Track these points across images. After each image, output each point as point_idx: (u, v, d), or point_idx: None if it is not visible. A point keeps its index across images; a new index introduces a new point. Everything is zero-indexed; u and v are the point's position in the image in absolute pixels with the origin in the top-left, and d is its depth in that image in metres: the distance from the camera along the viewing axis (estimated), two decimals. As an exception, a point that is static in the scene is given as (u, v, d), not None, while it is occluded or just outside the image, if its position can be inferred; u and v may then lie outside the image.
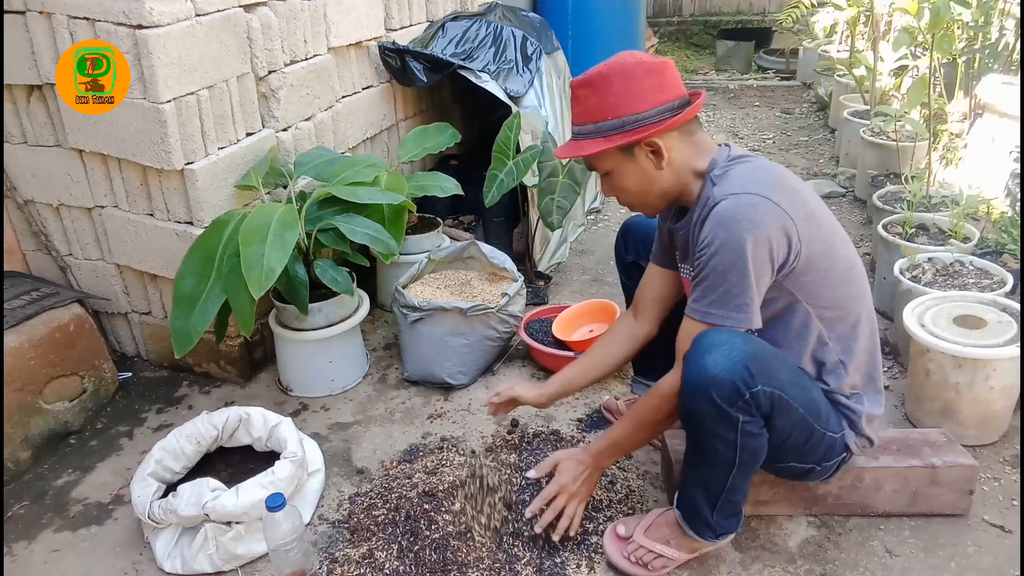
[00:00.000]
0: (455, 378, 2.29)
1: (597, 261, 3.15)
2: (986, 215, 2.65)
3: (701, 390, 1.37)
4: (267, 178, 2.20)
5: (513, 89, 2.75)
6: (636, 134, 1.42)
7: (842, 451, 1.57)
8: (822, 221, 1.46)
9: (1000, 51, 3.11)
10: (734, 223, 1.35)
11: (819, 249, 1.43)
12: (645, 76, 1.42)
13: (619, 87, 1.42)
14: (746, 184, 1.39)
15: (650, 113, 1.42)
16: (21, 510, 1.90)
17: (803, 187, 1.50)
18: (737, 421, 1.37)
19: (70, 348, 2.14)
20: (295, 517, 1.56)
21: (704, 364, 1.36)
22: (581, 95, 1.46)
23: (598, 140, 1.45)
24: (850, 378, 1.52)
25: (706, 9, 7.80)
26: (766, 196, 1.36)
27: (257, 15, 2.23)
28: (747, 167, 1.44)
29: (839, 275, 1.48)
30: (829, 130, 4.77)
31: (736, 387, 1.35)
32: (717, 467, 1.45)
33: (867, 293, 1.55)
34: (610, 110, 1.43)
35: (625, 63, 1.43)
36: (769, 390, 1.37)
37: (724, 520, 1.54)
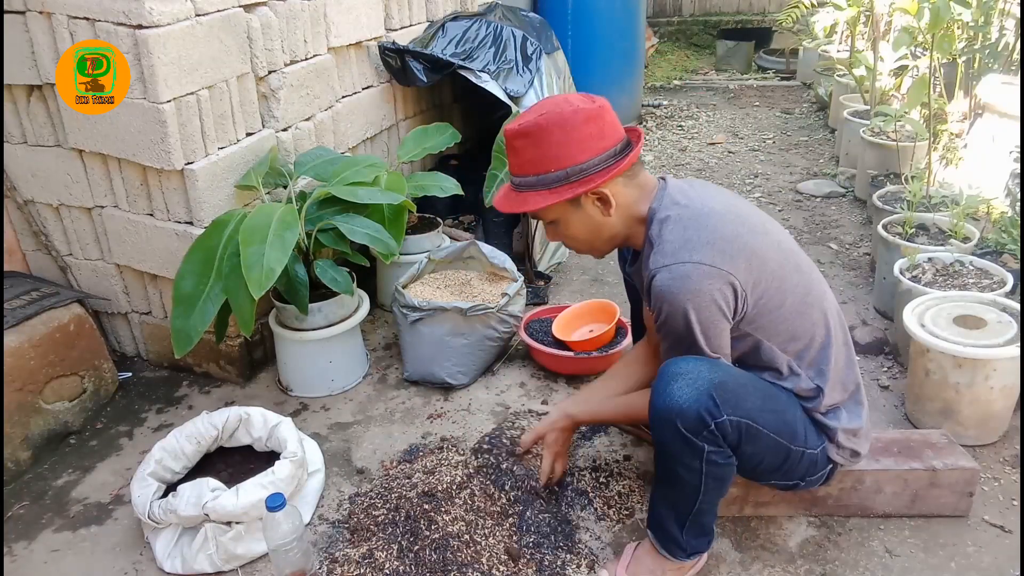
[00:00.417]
0: (455, 378, 2.29)
1: (597, 261, 3.15)
2: (986, 215, 2.65)
3: (667, 420, 1.38)
4: (267, 178, 2.20)
5: (513, 89, 2.75)
6: (582, 185, 1.40)
7: (825, 464, 1.55)
8: (768, 257, 1.42)
9: (1000, 51, 3.11)
10: (672, 297, 1.35)
11: (768, 289, 1.41)
12: (583, 124, 1.38)
13: (558, 137, 1.38)
14: (676, 252, 1.37)
15: (594, 162, 1.39)
16: (21, 510, 1.90)
17: (746, 220, 1.45)
18: (702, 451, 1.38)
19: (70, 348, 2.14)
20: (295, 517, 1.56)
21: (670, 393, 1.37)
22: (519, 146, 1.42)
23: (543, 193, 1.42)
24: (827, 399, 1.50)
25: (706, 9, 7.80)
26: (697, 261, 1.35)
27: (257, 15, 2.23)
28: (678, 225, 1.40)
29: (794, 306, 1.45)
30: (829, 130, 4.77)
31: (701, 417, 1.35)
32: (683, 491, 1.45)
33: (830, 310, 1.52)
34: (551, 162, 1.39)
35: (562, 112, 1.38)
36: (736, 419, 1.37)
37: (694, 539, 1.53)
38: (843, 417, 1.53)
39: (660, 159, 4.43)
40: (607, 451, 2.00)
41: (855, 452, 1.57)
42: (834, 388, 1.51)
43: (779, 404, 1.47)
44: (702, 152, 4.54)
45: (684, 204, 1.44)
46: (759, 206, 3.65)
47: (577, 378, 2.34)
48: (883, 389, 2.21)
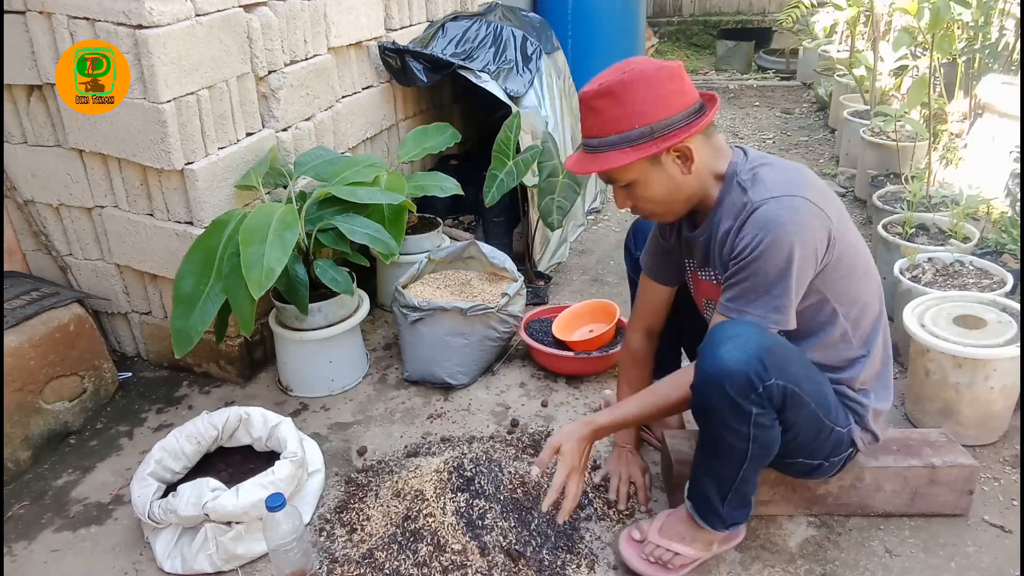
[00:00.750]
0: (455, 378, 2.29)
1: (597, 261, 3.15)
2: (986, 215, 2.65)
3: (715, 382, 1.37)
4: (267, 178, 2.20)
5: (513, 89, 2.75)
6: (666, 140, 1.39)
7: (848, 446, 1.57)
8: (847, 218, 1.47)
9: (1000, 51, 3.11)
10: (779, 227, 1.34)
11: (847, 247, 1.44)
12: (667, 80, 1.39)
13: (644, 94, 1.37)
14: (783, 187, 1.38)
15: (677, 118, 1.39)
16: (21, 510, 1.90)
17: (825, 185, 1.50)
18: (750, 414, 1.37)
19: (70, 348, 2.14)
20: (295, 517, 1.56)
21: (719, 356, 1.36)
22: (600, 106, 1.40)
23: (625, 151, 1.40)
24: (865, 373, 1.53)
25: (706, 9, 7.80)
26: (805, 197, 1.36)
27: (257, 15, 2.23)
28: (774, 170, 1.43)
29: (862, 271, 1.49)
30: (829, 130, 4.77)
31: (750, 379, 1.35)
32: (729, 459, 1.45)
33: (881, 290, 1.57)
34: (636, 118, 1.38)
35: (644, 69, 1.38)
36: (782, 383, 1.37)
37: (734, 511, 1.54)
38: (873, 397, 1.56)
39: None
40: (607, 451, 2.00)
41: (875, 436, 1.60)
42: (873, 364, 1.54)
43: (817, 376, 1.49)
44: (702, 152, 4.53)
45: (772, 159, 1.47)
46: (759, 206, 3.66)
47: (577, 378, 2.34)
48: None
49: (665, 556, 1.59)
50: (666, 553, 1.59)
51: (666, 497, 1.82)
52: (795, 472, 1.63)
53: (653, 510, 1.78)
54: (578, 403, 2.23)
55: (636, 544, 1.64)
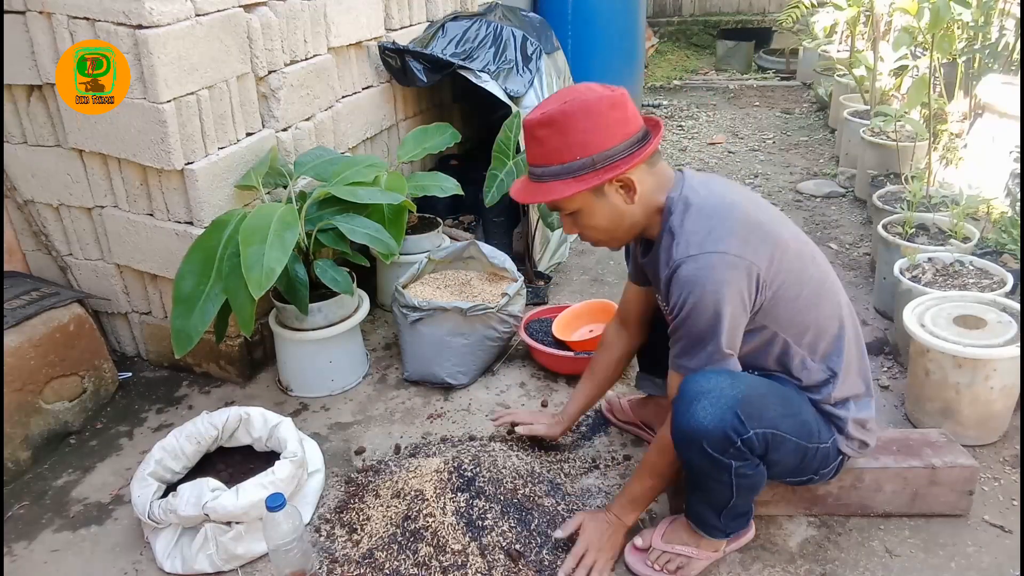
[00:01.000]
0: (455, 378, 2.29)
1: (597, 261, 3.15)
2: (986, 215, 2.65)
3: (692, 441, 1.39)
4: (267, 178, 2.20)
5: (513, 89, 2.75)
6: (608, 172, 1.38)
7: (836, 456, 1.57)
8: (789, 247, 1.43)
9: (1000, 51, 3.11)
10: (699, 287, 1.35)
11: (786, 279, 1.42)
12: (609, 110, 1.37)
13: (585, 124, 1.36)
14: (702, 242, 1.37)
15: (619, 148, 1.38)
16: (21, 510, 1.90)
17: (765, 212, 1.46)
18: (730, 467, 1.39)
19: (70, 348, 2.14)
20: (295, 517, 1.56)
21: (693, 414, 1.37)
22: (542, 135, 1.39)
23: (568, 181, 1.39)
24: (838, 391, 1.51)
25: (706, 9, 7.79)
26: (723, 251, 1.35)
27: (257, 15, 2.23)
28: (699, 217, 1.40)
29: (809, 297, 1.46)
30: (829, 130, 4.77)
31: (727, 436, 1.36)
32: (716, 496, 1.48)
33: (843, 302, 1.53)
34: (578, 149, 1.37)
35: (586, 99, 1.37)
36: (761, 431, 1.38)
37: (732, 522, 1.56)
38: (852, 407, 1.54)
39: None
40: (607, 451, 2.00)
41: (864, 443, 1.59)
42: (846, 379, 1.52)
43: (794, 405, 1.48)
44: (702, 152, 4.54)
45: (705, 194, 1.43)
46: (759, 206, 3.66)
47: (577, 378, 2.33)
48: (883, 389, 2.21)
49: (672, 563, 1.59)
50: (674, 559, 1.59)
51: (667, 499, 1.82)
52: (789, 483, 1.65)
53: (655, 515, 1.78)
54: (578, 403, 2.22)
55: (640, 552, 1.64)
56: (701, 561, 1.60)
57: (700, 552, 1.59)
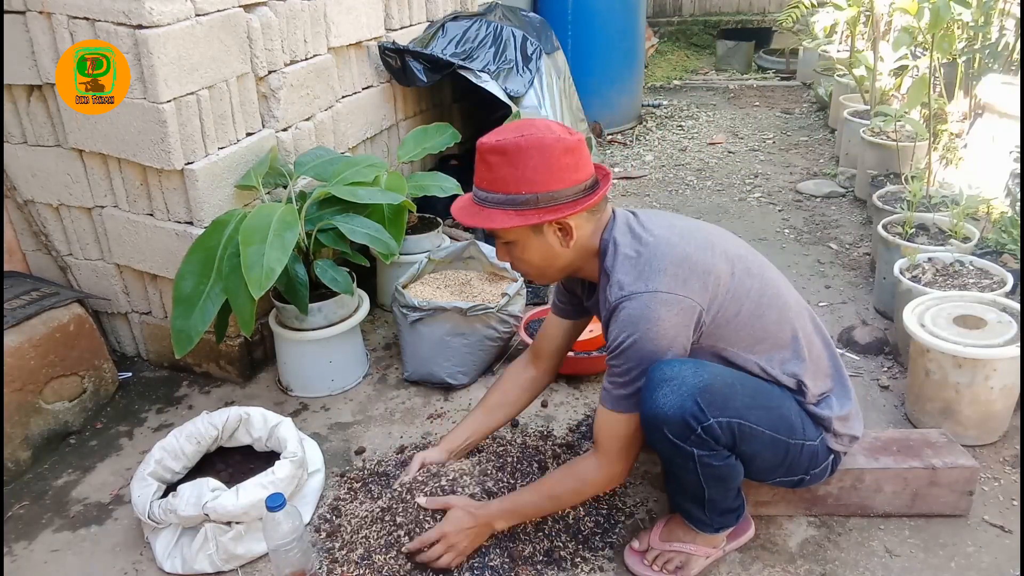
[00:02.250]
0: (455, 378, 2.29)
1: (597, 261, 3.15)
2: (986, 215, 2.65)
3: (655, 427, 1.40)
4: (267, 178, 2.20)
5: (513, 89, 2.75)
6: (549, 213, 1.40)
7: (827, 455, 1.56)
8: (719, 271, 1.44)
9: (1000, 51, 3.11)
10: (633, 327, 1.38)
11: (723, 302, 1.43)
12: (562, 154, 1.38)
13: (536, 162, 1.37)
14: (633, 283, 1.40)
15: (565, 193, 1.40)
16: (21, 510, 1.90)
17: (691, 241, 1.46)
18: (693, 455, 1.40)
19: (70, 348, 2.14)
20: (295, 517, 1.56)
21: (655, 400, 1.38)
22: (493, 162, 1.40)
23: (508, 213, 1.40)
24: (812, 390, 1.51)
25: (706, 9, 7.80)
26: (654, 290, 1.38)
27: (257, 15, 2.23)
28: (628, 258, 1.42)
29: (751, 311, 1.46)
30: (829, 130, 4.77)
31: (687, 423, 1.37)
32: (688, 486, 1.48)
33: (790, 303, 1.52)
34: (524, 184, 1.38)
35: (543, 137, 1.38)
36: (725, 420, 1.38)
37: (719, 517, 1.55)
38: (834, 405, 1.54)
39: (660, 159, 4.43)
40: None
41: (852, 437, 1.59)
42: (816, 377, 1.52)
43: (771, 400, 1.47)
44: (702, 152, 4.54)
45: (631, 236, 1.46)
46: (759, 206, 3.66)
47: (577, 378, 2.34)
48: (883, 389, 2.21)
49: (672, 562, 1.59)
50: (673, 557, 1.59)
51: (666, 498, 1.82)
52: (782, 486, 1.64)
53: (653, 514, 1.78)
54: (578, 403, 2.22)
55: (639, 554, 1.64)
56: (700, 558, 1.60)
57: (698, 549, 1.59)
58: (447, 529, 1.58)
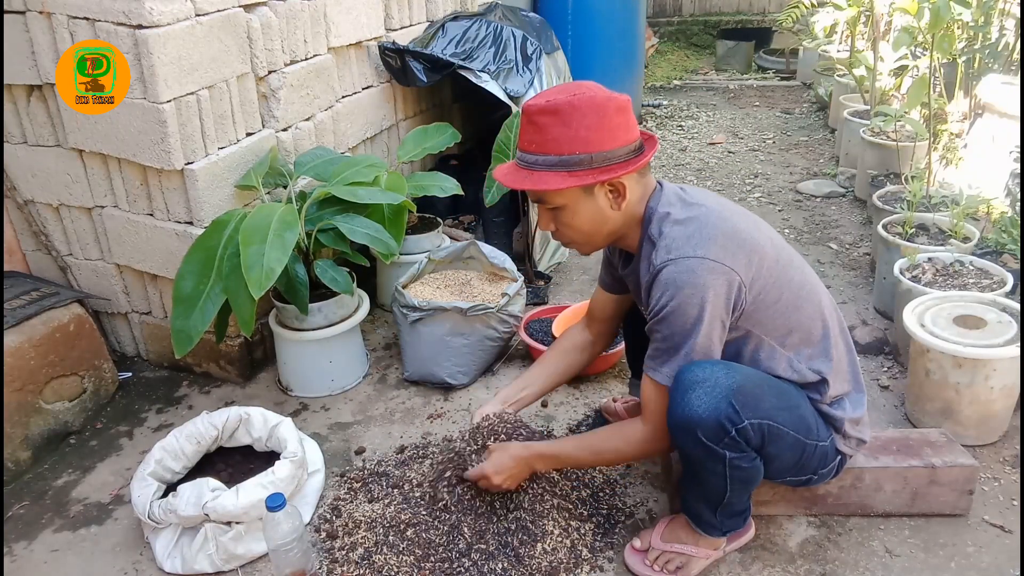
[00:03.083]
0: (455, 378, 2.29)
1: (597, 261, 3.13)
2: (986, 215, 2.65)
3: (687, 430, 1.38)
4: (267, 178, 2.20)
5: (513, 89, 2.75)
6: (604, 172, 1.37)
7: (835, 456, 1.57)
8: (766, 252, 1.43)
9: (1000, 51, 3.11)
10: (678, 290, 1.35)
11: (765, 284, 1.42)
12: (615, 113, 1.37)
13: (589, 121, 1.35)
14: (682, 246, 1.38)
15: (618, 152, 1.38)
16: (21, 510, 1.90)
17: (742, 219, 1.47)
18: (724, 457, 1.39)
19: (70, 348, 2.14)
20: (295, 517, 1.56)
21: (688, 402, 1.36)
22: (544, 122, 1.37)
23: (561, 174, 1.37)
24: (832, 389, 1.51)
25: (706, 9, 7.80)
26: (702, 256, 1.36)
27: (257, 15, 2.23)
28: (679, 224, 1.41)
29: (790, 300, 1.46)
30: (829, 130, 4.77)
31: (722, 425, 1.36)
32: (712, 489, 1.48)
33: (825, 302, 1.53)
34: (578, 144, 1.36)
35: (595, 96, 1.36)
36: (757, 422, 1.38)
37: (728, 520, 1.56)
38: (847, 407, 1.54)
39: (660, 159, 4.43)
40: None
41: (860, 440, 1.59)
42: (837, 378, 1.52)
43: (792, 400, 1.48)
44: (702, 152, 4.54)
45: (682, 204, 1.45)
46: (759, 206, 3.66)
47: (577, 378, 2.33)
48: (883, 389, 2.21)
49: (672, 563, 1.59)
50: (673, 558, 1.59)
51: (666, 498, 1.82)
52: (790, 484, 1.64)
53: (655, 514, 1.78)
54: (578, 403, 2.22)
55: (640, 553, 1.64)
56: (700, 560, 1.60)
57: (699, 551, 1.59)
58: (488, 470, 1.60)
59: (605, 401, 2.17)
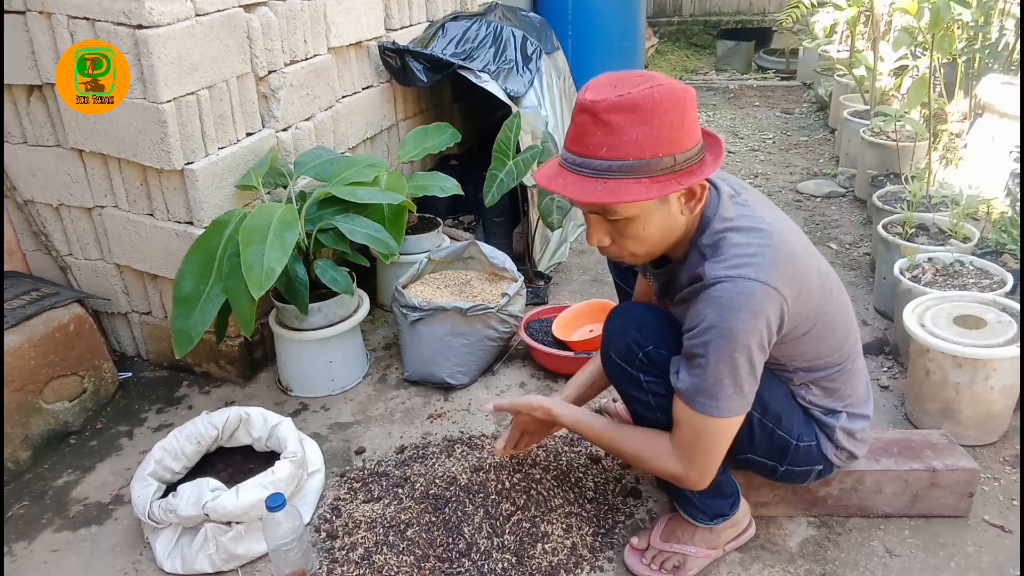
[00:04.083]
0: (455, 378, 2.29)
1: (597, 261, 3.15)
2: (986, 215, 2.65)
3: (605, 354, 1.50)
4: (267, 178, 2.20)
5: (513, 89, 2.75)
6: (688, 177, 1.20)
7: (819, 460, 1.52)
8: (812, 285, 1.33)
9: (1000, 51, 3.11)
10: (731, 314, 1.23)
11: (804, 317, 1.33)
12: (691, 105, 1.20)
13: (672, 118, 1.17)
14: (741, 266, 1.25)
15: (695, 151, 1.22)
16: (21, 510, 1.90)
17: (799, 242, 1.35)
18: (639, 379, 1.44)
19: (70, 348, 2.14)
20: (295, 517, 1.56)
21: (607, 332, 1.50)
22: (618, 122, 1.17)
23: (643, 182, 1.18)
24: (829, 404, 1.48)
25: (706, 9, 7.80)
26: (763, 281, 1.23)
27: (257, 15, 2.23)
28: (738, 236, 1.28)
29: (818, 332, 1.38)
30: (829, 130, 4.77)
31: (629, 347, 1.45)
32: None
33: (851, 334, 1.47)
34: (662, 145, 1.17)
35: (674, 88, 1.17)
36: (665, 352, 1.41)
37: (709, 499, 1.54)
38: (842, 417, 1.51)
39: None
40: (607, 451, 2.00)
41: (852, 454, 1.55)
42: (842, 399, 1.49)
43: None
44: (702, 152, 4.53)
45: (744, 214, 1.32)
46: (759, 206, 3.66)
47: (577, 378, 2.34)
48: (883, 389, 2.21)
49: (669, 562, 1.59)
50: (671, 556, 1.59)
51: (665, 497, 1.82)
52: (755, 470, 1.58)
53: None
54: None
55: (639, 553, 1.64)
56: (699, 559, 1.60)
57: (698, 550, 1.59)
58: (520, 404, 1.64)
59: (605, 401, 2.17)
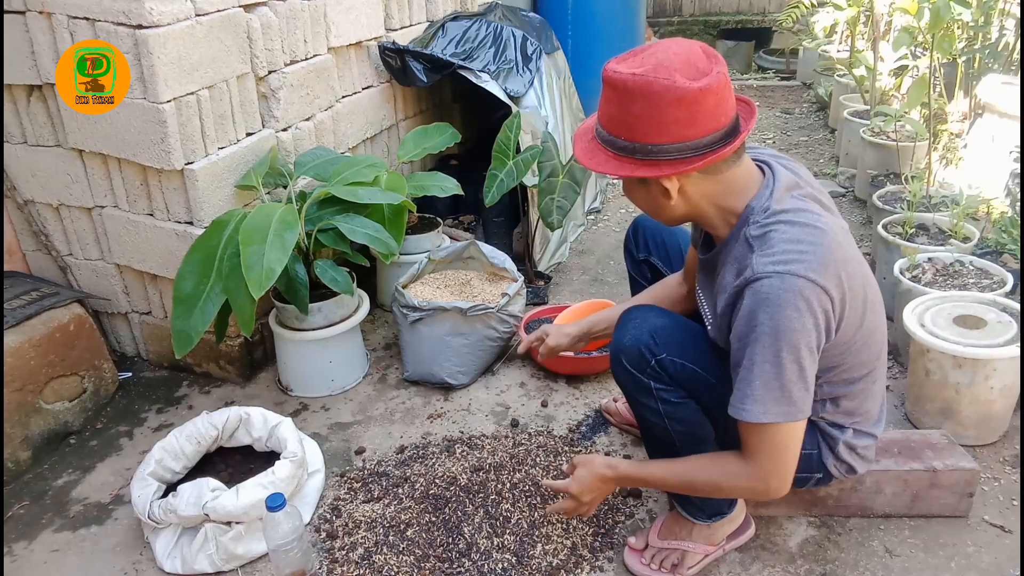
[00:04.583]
0: (455, 378, 2.29)
1: (597, 261, 3.15)
2: (986, 215, 2.65)
3: (616, 359, 1.48)
4: (267, 178, 2.20)
5: (513, 89, 2.75)
6: (650, 168, 1.23)
7: (818, 469, 1.49)
8: (856, 293, 1.29)
9: (1000, 51, 3.11)
10: (779, 312, 1.19)
11: (844, 325, 1.29)
12: (673, 106, 1.18)
13: (640, 110, 1.20)
14: (791, 262, 1.21)
15: (669, 148, 1.21)
16: (21, 510, 1.90)
17: (851, 247, 1.31)
18: (650, 387, 1.43)
19: (70, 348, 2.14)
20: (295, 517, 1.56)
21: (618, 337, 1.48)
22: (606, 95, 1.25)
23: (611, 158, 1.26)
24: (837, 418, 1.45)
25: (706, 9, 7.80)
26: (813, 280, 1.20)
27: (257, 15, 2.23)
28: (791, 229, 1.24)
29: (849, 345, 1.34)
30: (829, 130, 4.77)
31: (641, 353, 1.43)
32: (659, 440, 1.50)
33: (882, 352, 1.43)
34: (624, 130, 1.23)
35: (654, 83, 1.17)
36: (679, 361, 1.42)
37: (711, 499, 1.55)
38: (848, 432, 1.47)
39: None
40: (607, 450, 2.00)
41: (851, 468, 1.51)
42: (852, 416, 1.46)
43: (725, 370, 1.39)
44: (702, 152, 4.53)
45: (802, 208, 1.28)
46: (759, 206, 3.66)
47: (577, 378, 2.34)
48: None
49: (668, 560, 1.59)
50: (670, 554, 1.59)
51: (665, 497, 1.82)
52: None
53: None
54: (578, 403, 2.22)
55: (638, 552, 1.64)
56: (697, 555, 1.60)
57: (696, 546, 1.59)
58: (574, 489, 1.51)
59: (606, 401, 2.17)
